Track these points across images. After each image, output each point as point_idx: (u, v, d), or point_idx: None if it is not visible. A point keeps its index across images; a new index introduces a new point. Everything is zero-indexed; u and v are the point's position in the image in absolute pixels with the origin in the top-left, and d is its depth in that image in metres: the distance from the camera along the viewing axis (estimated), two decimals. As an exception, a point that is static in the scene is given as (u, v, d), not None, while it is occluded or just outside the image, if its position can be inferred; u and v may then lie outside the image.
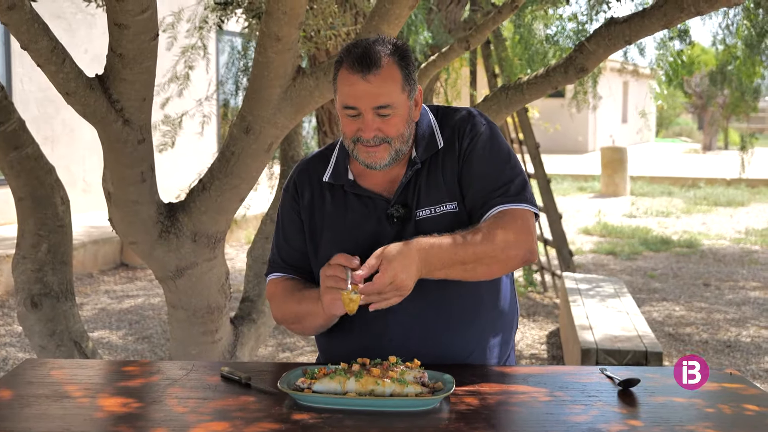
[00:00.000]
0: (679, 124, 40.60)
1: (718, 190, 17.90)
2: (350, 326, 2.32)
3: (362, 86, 2.19)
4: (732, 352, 6.67)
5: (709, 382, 2.16)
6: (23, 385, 2.08)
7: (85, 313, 7.67)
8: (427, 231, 2.23)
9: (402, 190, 2.32)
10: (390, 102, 2.20)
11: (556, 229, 8.72)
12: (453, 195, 2.30)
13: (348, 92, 2.21)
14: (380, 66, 2.19)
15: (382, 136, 2.22)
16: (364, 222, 2.32)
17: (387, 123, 2.22)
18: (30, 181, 3.77)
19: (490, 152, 2.30)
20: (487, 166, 2.29)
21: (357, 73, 2.19)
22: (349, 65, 2.20)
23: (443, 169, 2.32)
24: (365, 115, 2.21)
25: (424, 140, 2.33)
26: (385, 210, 2.31)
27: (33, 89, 10.42)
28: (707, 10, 3.07)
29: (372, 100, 2.19)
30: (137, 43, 3.17)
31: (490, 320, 2.36)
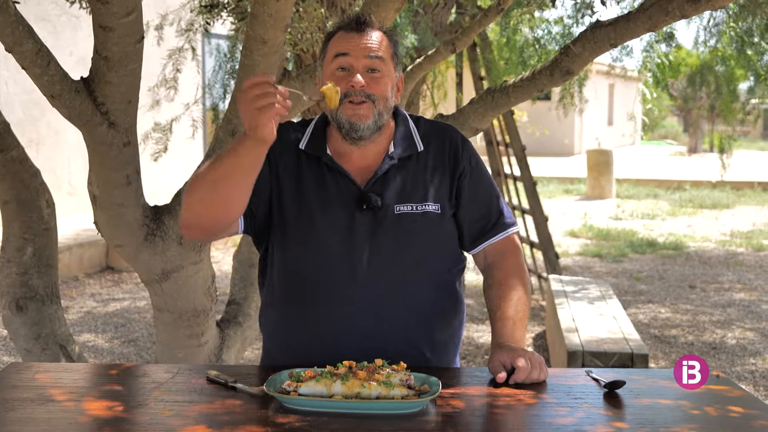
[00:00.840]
0: (665, 127, 40.73)
1: (704, 192, 17.97)
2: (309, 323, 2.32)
3: (357, 37, 2.30)
4: (717, 353, 6.70)
5: (694, 384, 2.17)
6: (8, 389, 2.07)
7: (71, 316, 7.64)
8: (405, 225, 2.31)
9: (376, 181, 2.34)
10: (382, 55, 2.30)
11: (542, 232, 8.73)
12: (438, 198, 2.37)
13: (343, 44, 2.30)
14: (373, 27, 2.33)
15: (368, 92, 2.27)
16: (339, 200, 2.33)
17: (375, 80, 2.28)
18: (15, 184, 3.76)
19: (485, 178, 2.47)
20: (485, 192, 2.45)
21: (353, 30, 2.31)
22: (346, 26, 2.32)
23: (430, 172, 2.38)
24: (356, 67, 2.27)
25: (402, 140, 2.39)
26: (356, 195, 2.32)
27: (18, 92, 10.38)
28: (692, 14, 3.08)
29: (366, 49, 2.29)
30: (122, 45, 3.16)
31: (447, 320, 2.42)
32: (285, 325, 2.38)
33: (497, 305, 2.34)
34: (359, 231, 2.30)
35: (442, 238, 2.39)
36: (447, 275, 2.42)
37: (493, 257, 2.44)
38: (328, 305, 2.30)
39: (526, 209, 8.92)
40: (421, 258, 2.34)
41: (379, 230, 2.30)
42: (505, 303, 2.34)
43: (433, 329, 2.37)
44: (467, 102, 3.83)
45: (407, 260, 2.32)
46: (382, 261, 2.30)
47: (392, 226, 2.31)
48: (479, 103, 3.67)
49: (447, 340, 2.43)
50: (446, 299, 2.41)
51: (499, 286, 2.38)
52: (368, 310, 2.29)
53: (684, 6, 3.01)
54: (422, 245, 2.34)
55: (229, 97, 7.56)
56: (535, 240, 8.91)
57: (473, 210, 2.41)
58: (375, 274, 2.30)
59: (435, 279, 2.38)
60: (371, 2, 3.52)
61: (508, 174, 9.13)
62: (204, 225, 2.26)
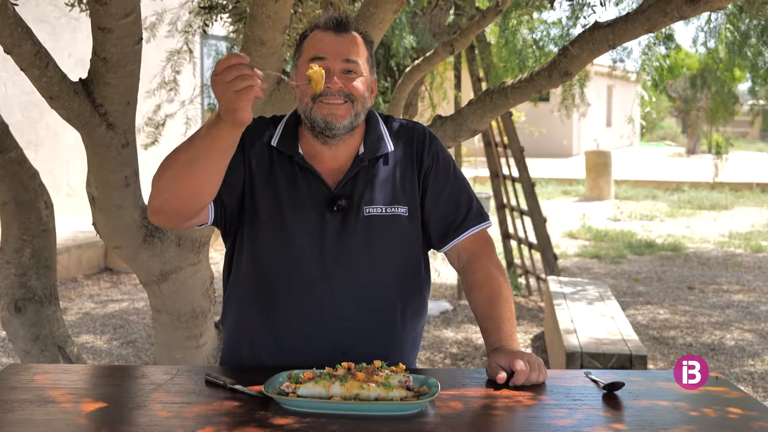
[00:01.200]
0: (663, 128, 40.74)
1: (702, 193, 17.98)
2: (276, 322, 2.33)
3: (333, 39, 2.29)
4: (716, 355, 6.70)
5: (692, 385, 2.17)
6: (7, 390, 2.07)
7: (69, 317, 7.63)
8: (374, 228, 2.32)
9: (346, 183, 2.34)
10: (358, 59, 2.29)
11: (541, 233, 8.73)
12: (406, 200, 2.37)
13: (318, 46, 2.29)
14: (351, 29, 2.32)
15: (347, 92, 2.27)
16: (310, 201, 2.32)
17: (351, 81, 2.28)
18: (14, 185, 3.76)
19: (453, 173, 2.45)
20: (452, 188, 2.43)
21: (330, 30, 2.30)
22: (322, 26, 2.31)
23: (399, 173, 2.39)
24: (332, 68, 2.26)
25: (372, 140, 2.39)
26: (326, 196, 2.32)
27: (17, 93, 10.37)
28: (690, 15, 3.08)
29: (342, 52, 2.28)
30: (121, 47, 3.16)
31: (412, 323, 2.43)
32: (250, 321, 2.38)
33: (487, 312, 2.33)
34: (329, 232, 2.31)
35: (411, 241, 2.39)
36: (414, 278, 2.42)
37: (467, 256, 2.42)
38: (297, 305, 2.31)
39: (524, 210, 8.92)
40: (390, 260, 2.35)
41: (349, 232, 2.31)
42: (493, 307, 2.33)
43: (399, 331, 2.38)
44: (466, 103, 3.83)
45: (375, 262, 2.33)
46: (350, 262, 2.31)
47: (361, 227, 2.32)
48: (478, 105, 3.67)
49: (410, 342, 2.44)
50: (413, 302, 2.41)
51: (480, 288, 2.37)
52: (335, 311, 2.30)
53: (682, 7, 3.01)
54: (391, 247, 2.35)
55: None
56: (534, 241, 8.91)
57: (439, 207, 2.40)
58: (344, 275, 2.30)
59: (402, 281, 2.38)
60: (369, 3, 3.52)
61: (507, 175, 9.13)
62: (173, 209, 2.21)
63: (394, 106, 5.01)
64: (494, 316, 2.31)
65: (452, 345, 6.90)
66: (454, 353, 6.66)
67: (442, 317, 7.82)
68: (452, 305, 8.19)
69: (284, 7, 3.27)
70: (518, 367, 2.11)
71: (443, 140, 3.71)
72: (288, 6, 3.30)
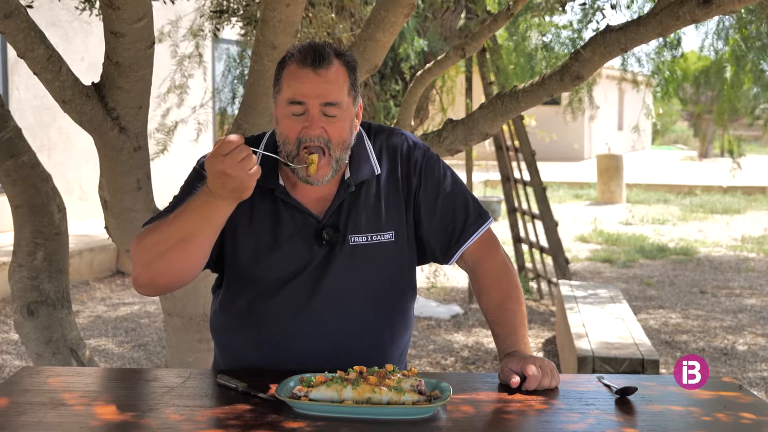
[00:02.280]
0: (675, 132, 40.65)
1: (715, 197, 17.93)
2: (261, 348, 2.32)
3: (312, 79, 2.15)
4: (728, 359, 6.67)
5: (705, 391, 2.16)
6: (20, 393, 2.08)
7: (81, 320, 7.65)
8: (361, 256, 2.27)
9: (333, 212, 2.28)
10: (338, 100, 2.17)
11: (552, 237, 8.72)
12: (392, 224, 2.31)
13: (297, 87, 2.16)
14: (331, 63, 2.17)
15: (326, 138, 2.17)
16: (294, 237, 2.27)
17: (332, 124, 2.17)
18: (26, 189, 3.77)
19: (444, 181, 2.37)
20: (446, 197, 2.36)
21: (308, 66, 2.15)
22: (299, 61, 2.17)
23: (385, 196, 2.32)
24: (311, 111, 2.16)
25: (358, 163, 2.30)
26: (314, 228, 2.27)
27: (29, 97, 10.42)
28: (703, 18, 3.07)
29: (321, 95, 2.15)
30: (133, 51, 3.17)
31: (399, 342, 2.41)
32: (235, 344, 2.37)
33: (498, 318, 2.31)
34: (316, 263, 2.27)
35: (397, 266, 2.35)
36: (400, 301, 2.39)
37: (473, 261, 2.38)
38: (282, 334, 2.29)
39: (535, 214, 8.91)
40: (376, 287, 2.32)
41: (335, 262, 2.27)
42: (503, 312, 2.31)
43: (387, 350, 2.37)
44: (477, 107, 3.82)
45: (360, 289, 2.30)
46: (337, 292, 2.27)
47: (347, 257, 2.27)
48: (489, 108, 3.67)
49: (397, 357, 2.42)
50: (399, 323, 2.39)
51: (489, 293, 2.34)
52: (322, 339, 2.28)
53: (695, 11, 3.00)
54: (377, 275, 2.31)
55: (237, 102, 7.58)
56: (545, 245, 8.90)
57: (436, 223, 2.34)
58: (330, 305, 2.27)
59: (389, 305, 2.36)
60: (380, 8, 3.52)
61: (518, 179, 9.12)
62: (165, 284, 2.24)
63: (404, 110, 5.01)
64: (505, 321, 2.29)
65: (463, 349, 6.89)
66: (465, 357, 6.65)
67: (453, 321, 7.82)
68: (463, 309, 8.18)
69: (295, 11, 3.28)
70: (531, 372, 2.10)
71: (454, 144, 3.70)
72: (299, 10, 3.31)
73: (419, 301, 8.18)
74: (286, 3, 3.24)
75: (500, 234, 12.51)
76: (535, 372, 2.10)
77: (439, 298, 8.64)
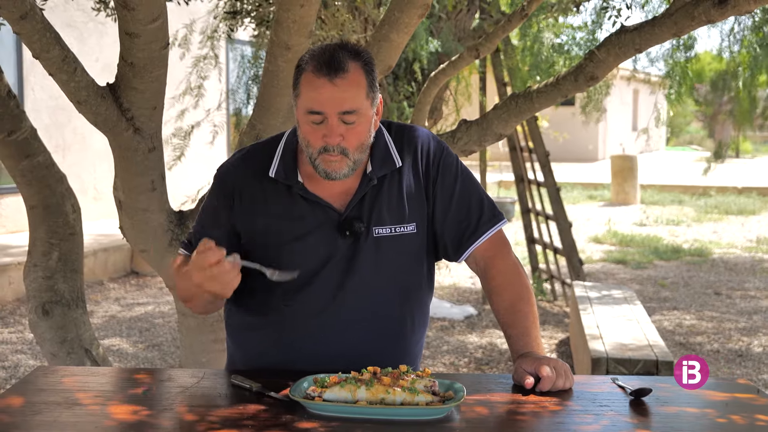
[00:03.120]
0: (690, 133, 40.49)
1: (729, 198, 17.86)
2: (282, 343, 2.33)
3: (328, 89, 2.14)
4: (743, 361, 6.65)
5: (720, 392, 2.16)
6: (35, 392, 2.09)
7: (96, 320, 7.68)
8: (385, 248, 2.29)
9: (356, 205, 2.29)
10: (356, 107, 2.16)
11: (566, 238, 8.70)
12: (414, 216, 2.32)
13: (314, 97, 2.15)
14: (347, 70, 2.15)
15: (342, 147, 2.17)
16: (316, 231, 2.28)
17: (351, 131, 2.17)
18: (41, 189, 3.79)
19: (461, 177, 2.38)
20: (462, 194, 2.37)
21: (324, 76, 2.14)
22: (315, 69, 2.15)
23: (407, 188, 2.33)
24: (330, 120, 2.15)
25: (380, 157, 2.31)
26: (336, 222, 2.28)
27: (44, 98, 10.46)
28: (718, 19, 3.06)
29: (338, 105, 2.14)
30: (148, 51, 3.18)
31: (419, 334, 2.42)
32: (253, 342, 2.39)
33: (510, 319, 2.31)
34: (339, 256, 2.28)
35: (419, 258, 2.36)
36: (420, 291, 2.40)
37: (484, 262, 2.38)
38: (305, 329, 2.30)
39: (549, 215, 8.89)
40: (398, 278, 2.33)
41: (358, 254, 2.27)
42: (515, 314, 2.31)
43: (406, 343, 2.38)
44: (491, 107, 3.82)
45: (384, 281, 2.31)
46: (360, 284, 2.28)
47: (371, 249, 2.28)
48: (503, 109, 3.66)
49: (416, 352, 2.43)
50: (418, 314, 2.40)
51: (500, 294, 2.34)
52: (344, 330, 2.29)
53: (710, 11, 2.99)
54: (399, 266, 2.32)
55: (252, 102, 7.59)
56: (559, 246, 8.88)
57: (450, 218, 2.35)
58: (353, 296, 2.28)
59: (410, 296, 2.37)
60: (394, 8, 3.52)
61: (532, 179, 9.11)
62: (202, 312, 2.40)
63: (419, 111, 5.01)
64: (517, 323, 2.29)
65: (477, 350, 6.88)
66: (478, 358, 6.65)
67: (467, 322, 7.81)
68: (477, 310, 8.18)
69: (310, 12, 3.28)
70: (545, 373, 2.10)
71: (468, 145, 3.70)
72: (314, 11, 3.31)
73: (433, 301, 8.17)
74: (300, 4, 3.24)
75: (514, 235, 12.55)
76: (549, 373, 2.10)
77: (452, 299, 8.63)
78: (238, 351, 2.45)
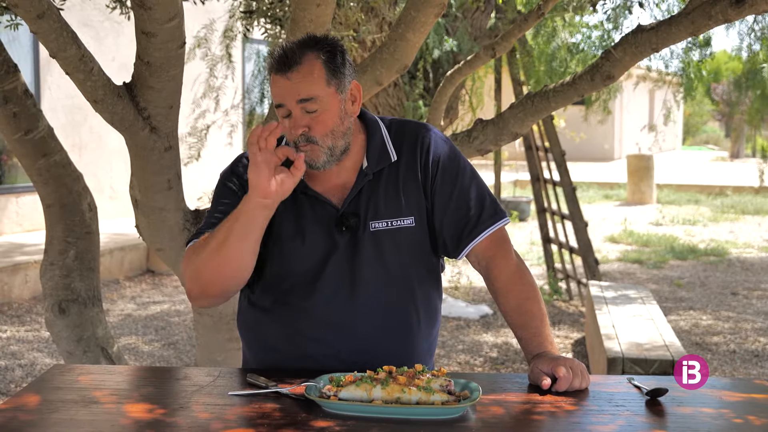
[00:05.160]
0: (706, 132, 40.34)
1: (746, 198, 17.78)
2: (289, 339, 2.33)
3: (284, 84, 2.21)
4: (760, 361, 6.61)
5: (737, 393, 2.15)
6: (51, 391, 2.10)
7: (111, 319, 7.71)
8: (382, 242, 2.29)
9: (352, 200, 2.31)
10: (313, 95, 2.20)
11: (582, 237, 8.68)
12: (411, 210, 2.33)
13: (275, 92, 2.24)
14: (299, 62, 2.21)
15: (308, 135, 2.22)
16: (316, 227, 2.31)
17: (315, 119, 2.22)
18: (58, 188, 3.80)
19: (462, 174, 2.38)
20: (462, 190, 2.36)
21: (279, 72, 2.22)
22: (273, 67, 2.24)
23: (403, 183, 2.34)
24: (293, 111, 2.22)
25: (375, 152, 2.34)
26: (334, 217, 2.31)
27: (61, 97, 10.51)
28: (735, 18, 3.04)
29: (295, 94, 2.20)
30: (164, 51, 3.19)
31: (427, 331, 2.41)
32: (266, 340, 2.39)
33: (518, 321, 2.31)
34: (339, 251, 2.29)
35: (419, 250, 2.36)
36: (425, 285, 2.40)
37: (485, 261, 2.37)
38: (309, 326, 2.30)
39: (565, 214, 8.88)
40: (399, 272, 2.33)
41: (357, 249, 2.29)
42: (523, 315, 2.30)
43: (414, 338, 2.37)
44: (507, 107, 3.81)
45: (385, 276, 2.31)
46: (361, 278, 2.29)
47: (369, 243, 2.30)
48: (519, 108, 3.65)
49: (426, 349, 2.42)
50: (424, 310, 2.39)
51: (505, 296, 2.34)
52: (348, 327, 2.29)
53: (727, 10, 2.97)
54: (399, 260, 2.32)
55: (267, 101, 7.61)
56: (575, 245, 8.86)
57: (449, 214, 2.34)
58: (355, 292, 2.29)
59: (413, 291, 2.36)
60: (411, 8, 3.52)
61: (548, 179, 9.09)
62: (214, 293, 2.29)
63: (434, 110, 5.01)
64: (527, 324, 2.29)
65: (492, 349, 6.88)
66: (493, 357, 6.64)
67: (482, 321, 7.80)
68: (492, 309, 8.16)
69: (326, 11, 3.29)
70: (561, 374, 2.09)
71: (484, 144, 3.69)
72: (330, 10, 3.31)
73: (448, 301, 8.17)
74: (317, 3, 3.25)
75: (529, 234, 12.54)
76: (566, 373, 2.09)
77: (468, 299, 8.62)
78: (251, 350, 2.46)
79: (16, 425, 1.87)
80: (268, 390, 2.07)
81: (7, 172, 10.54)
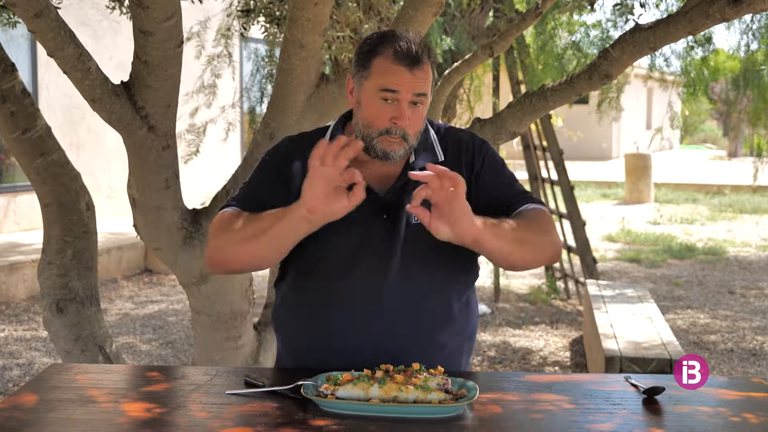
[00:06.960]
0: (704, 131, 40.34)
1: (744, 197, 17.78)
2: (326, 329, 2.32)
3: (407, 77, 2.25)
4: (757, 360, 6.62)
5: (734, 391, 2.15)
6: (48, 390, 2.10)
7: (109, 318, 7.71)
8: (420, 236, 2.28)
9: (397, 190, 2.34)
10: (426, 91, 2.29)
11: (580, 236, 8.68)
12: None
13: (392, 80, 2.25)
14: (424, 62, 2.28)
15: (405, 130, 2.27)
16: (359, 211, 2.26)
17: (416, 113, 2.28)
18: (56, 187, 3.80)
19: (505, 170, 2.45)
20: (503, 181, 2.42)
21: (404, 66, 2.25)
22: (395, 58, 2.26)
23: None
24: (402, 102, 2.26)
25: (423, 149, 2.39)
26: (376, 204, 2.32)
27: (59, 96, 10.50)
28: (733, 17, 3.05)
29: (414, 88, 2.25)
30: (162, 50, 3.18)
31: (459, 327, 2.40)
32: (299, 327, 2.39)
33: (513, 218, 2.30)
34: (378, 240, 2.30)
35: (457, 247, 2.33)
36: (460, 283, 2.40)
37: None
38: (345, 314, 2.30)
39: (563, 214, 8.88)
40: (436, 267, 2.33)
41: (397, 240, 2.30)
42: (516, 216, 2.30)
43: (446, 336, 2.36)
44: (505, 106, 3.81)
45: (422, 269, 2.31)
46: (399, 270, 2.29)
47: (409, 236, 2.31)
48: (517, 107, 3.66)
49: (458, 347, 2.41)
50: (458, 307, 2.39)
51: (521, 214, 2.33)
52: (383, 318, 2.29)
53: (725, 9, 2.98)
54: (437, 255, 2.32)
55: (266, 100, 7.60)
56: (573, 244, 8.86)
57: (491, 194, 2.37)
58: (392, 282, 2.29)
59: (449, 287, 2.36)
60: (409, 6, 3.52)
61: (546, 178, 9.09)
62: (234, 269, 2.38)
63: (432, 108, 5.00)
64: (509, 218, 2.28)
65: (490, 348, 6.88)
66: (491, 356, 6.64)
67: (480, 320, 7.80)
68: (490, 308, 8.17)
69: (324, 10, 3.28)
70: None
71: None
72: (327, 9, 3.31)
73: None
74: (315, 2, 3.24)
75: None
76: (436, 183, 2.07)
77: (465, 298, 8.61)
78: (285, 346, 2.46)
79: (14, 424, 1.87)
80: (265, 389, 2.08)
81: (5, 171, 10.54)
